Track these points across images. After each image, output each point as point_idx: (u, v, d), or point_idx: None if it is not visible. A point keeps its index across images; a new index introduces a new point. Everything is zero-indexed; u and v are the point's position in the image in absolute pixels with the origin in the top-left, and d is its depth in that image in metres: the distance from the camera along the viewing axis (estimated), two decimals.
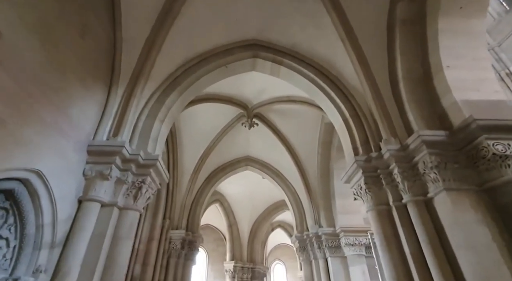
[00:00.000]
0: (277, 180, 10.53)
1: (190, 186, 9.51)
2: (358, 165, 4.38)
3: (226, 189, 14.44)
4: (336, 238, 8.39)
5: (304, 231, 9.30)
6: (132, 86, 4.58)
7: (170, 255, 8.29)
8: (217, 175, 10.51)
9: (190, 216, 9.42)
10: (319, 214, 9.10)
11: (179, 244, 8.46)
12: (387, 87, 4.77)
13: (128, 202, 3.99)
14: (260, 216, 16.01)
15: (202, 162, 9.65)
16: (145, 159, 4.18)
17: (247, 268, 14.82)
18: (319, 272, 8.35)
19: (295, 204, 10.02)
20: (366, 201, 4.37)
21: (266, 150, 10.40)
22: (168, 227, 8.53)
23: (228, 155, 10.59)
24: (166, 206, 8.77)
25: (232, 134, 9.58)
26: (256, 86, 7.82)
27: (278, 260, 22.29)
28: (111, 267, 3.52)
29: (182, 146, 9.23)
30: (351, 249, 7.99)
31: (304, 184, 9.60)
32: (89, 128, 3.86)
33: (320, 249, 8.54)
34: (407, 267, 3.70)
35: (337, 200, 8.76)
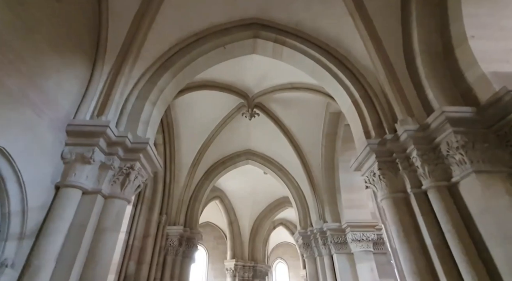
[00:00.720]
0: (279, 174, 10.09)
1: (188, 181, 9.07)
2: (371, 149, 3.93)
3: (227, 185, 14.01)
4: (342, 234, 7.94)
5: (308, 227, 8.86)
6: (120, 64, 4.14)
7: (167, 252, 7.86)
8: (217, 169, 10.07)
9: (189, 212, 8.98)
10: (324, 209, 8.65)
11: (177, 240, 8.03)
12: (401, 64, 4.33)
13: (114, 190, 3.55)
14: (262, 213, 15.59)
15: (201, 156, 9.22)
16: (134, 143, 3.74)
17: (248, 266, 14.39)
18: (324, 269, 7.91)
19: (298, 199, 9.57)
20: (380, 189, 3.92)
21: (267, 143, 9.95)
22: (165, 223, 8.10)
23: (228, 148, 10.15)
24: (163, 201, 8.34)
25: (232, 126, 9.14)
26: (257, 73, 7.37)
27: (280, 259, 21.85)
28: (93, 261, 3.09)
29: (180, 138, 8.79)
30: (358, 245, 7.54)
31: (308, 178, 9.15)
32: (68, 106, 3.43)
33: (325, 246, 8.10)
34: (429, 260, 3.26)
35: (343, 194, 8.31)
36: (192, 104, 8.20)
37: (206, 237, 17.18)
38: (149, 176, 4.20)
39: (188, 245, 8.39)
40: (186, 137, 8.87)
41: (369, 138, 4.19)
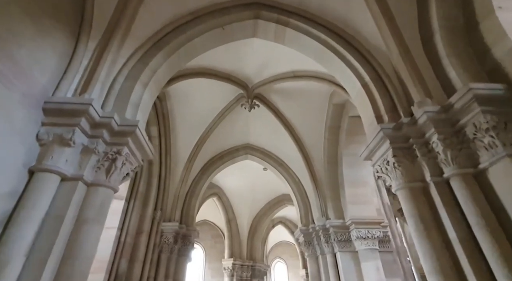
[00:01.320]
0: (280, 170, 9.71)
1: (185, 175, 8.67)
2: (385, 134, 3.55)
3: (225, 182, 13.62)
4: (346, 231, 7.57)
5: (310, 224, 8.48)
6: (107, 41, 3.73)
7: (161, 250, 7.46)
8: (214, 164, 9.68)
9: (185, 208, 8.59)
10: (326, 205, 8.28)
11: (172, 237, 7.62)
12: (417, 43, 3.95)
13: (98, 177, 3.15)
14: (261, 211, 15.21)
15: (198, 150, 8.82)
16: (121, 125, 3.34)
17: (246, 266, 14.01)
18: (327, 268, 7.53)
19: (299, 194, 9.19)
20: (394, 178, 3.54)
21: (267, 137, 9.56)
22: (159, 219, 7.70)
23: (227, 142, 9.76)
24: (158, 196, 7.94)
25: (230, 118, 8.75)
26: (257, 61, 6.98)
27: (279, 258, 21.49)
28: (71, 256, 2.70)
29: (176, 131, 8.39)
30: (363, 243, 7.17)
31: (310, 173, 8.78)
32: (46, 82, 3.02)
33: (328, 243, 7.72)
34: (453, 257, 2.88)
35: (347, 190, 7.94)
36: (189, 94, 7.80)
37: (203, 235, 16.77)
38: (139, 164, 3.81)
39: (184, 242, 7.99)
40: (182, 130, 8.47)
41: (381, 123, 3.80)
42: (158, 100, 7.50)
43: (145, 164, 7.62)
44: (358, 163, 8.12)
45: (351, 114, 7.67)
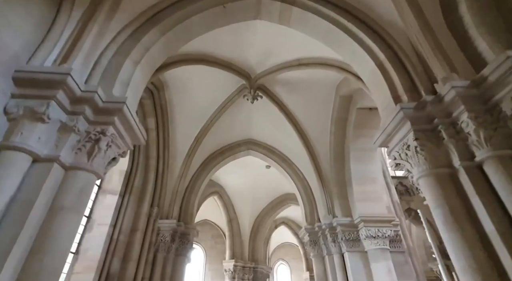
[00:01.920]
0: (283, 166, 9.27)
1: (184, 171, 8.26)
2: (405, 115, 3.12)
3: (226, 180, 13.19)
4: (354, 230, 7.12)
5: (316, 222, 8.03)
6: (93, 11, 3.35)
7: (157, 249, 7.04)
8: (215, 160, 9.26)
9: (183, 205, 8.17)
10: (333, 202, 7.83)
11: (169, 236, 7.20)
12: (438, 16, 3.54)
13: (79, 159, 2.75)
14: (263, 210, 14.74)
15: (198, 144, 8.41)
16: (107, 102, 2.94)
17: (248, 267, 13.54)
18: (334, 269, 7.07)
19: (304, 192, 8.75)
20: (416, 164, 3.11)
21: (270, 131, 9.14)
22: (156, 216, 7.29)
23: (228, 137, 9.34)
24: (155, 192, 7.53)
25: (232, 111, 8.34)
26: (260, 48, 6.57)
27: (281, 260, 20.98)
28: (41, 250, 2.29)
29: (174, 123, 8.00)
30: (373, 242, 6.71)
31: (315, 169, 8.34)
32: (18, 48, 2.63)
33: (335, 243, 7.27)
34: (491, 253, 2.45)
35: (355, 186, 7.49)
36: (188, 84, 7.41)
37: (203, 236, 16.34)
38: (128, 149, 3.40)
39: (182, 241, 7.57)
40: (181, 122, 8.07)
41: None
42: (156, 90, 7.12)
43: (142, 158, 7.23)
44: (367, 158, 7.69)
45: (359, 105, 7.23)
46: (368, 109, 7.33)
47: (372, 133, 7.61)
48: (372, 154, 7.70)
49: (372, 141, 7.58)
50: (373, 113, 7.38)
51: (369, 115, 7.42)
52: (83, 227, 5.73)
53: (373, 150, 7.70)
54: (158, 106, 7.35)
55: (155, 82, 6.88)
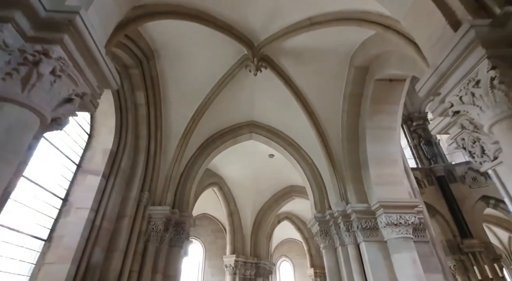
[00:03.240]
0: (289, 150, 8.40)
1: (179, 154, 7.40)
2: (478, 35, 2.21)
3: (226, 170, 12.33)
4: (372, 217, 6.25)
5: (326, 210, 7.16)
6: None
7: (148, 238, 6.18)
8: (214, 143, 8.39)
9: (178, 192, 7.31)
10: (346, 187, 6.97)
11: (162, 224, 6.34)
12: None
13: (8, 87, 1.89)
14: (266, 204, 13.88)
15: (194, 124, 7.54)
16: (52, 11, 2.06)
17: (250, 263, 12.69)
18: (349, 262, 6.21)
19: (312, 177, 7.89)
20: (491, 105, 2.25)
21: (275, 111, 8.27)
22: (147, 202, 6.43)
23: (228, 118, 8.47)
24: (146, 175, 6.67)
25: (232, 87, 7.47)
26: (266, 7, 5.67)
27: (284, 257, 20.12)
28: None
29: (168, 99, 7.13)
30: (394, 230, 5.85)
31: (325, 152, 7.47)
32: None
33: (350, 232, 6.40)
34: None
35: (372, 169, 6.62)
36: (182, 54, 6.55)
37: (203, 230, 15.51)
38: (92, 90, 2.52)
39: (176, 231, 6.71)
40: (176, 99, 7.21)
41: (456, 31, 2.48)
42: (145, 59, 6.24)
43: (130, 137, 6.36)
44: (386, 137, 6.82)
45: (378, 76, 6.35)
46: (387, 81, 6.45)
47: (392, 109, 6.77)
48: (391, 133, 6.83)
49: (391, 119, 6.73)
50: (394, 86, 6.52)
51: (389, 88, 6.54)
52: (58, 211, 4.86)
53: (392, 128, 6.83)
54: (148, 78, 6.48)
55: (144, 48, 6.01)
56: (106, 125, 5.97)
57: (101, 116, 5.94)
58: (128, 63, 6.03)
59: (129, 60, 5.96)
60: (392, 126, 6.81)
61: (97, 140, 5.81)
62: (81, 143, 5.56)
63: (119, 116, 6.10)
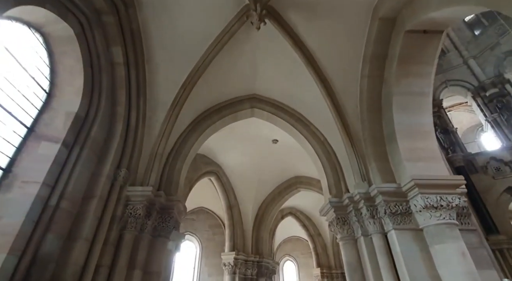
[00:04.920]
0: (298, 127, 7.20)
1: (166, 128, 6.21)
2: None
3: (225, 157, 11.14)
4: (403, 200, 5.04)
5: (344, 193, 5.95)
6: None
7: (125, 225, 4.98)
8: (210, 118, 7.20)
9: (166, 172, 6.11)
10: (368, 166, 5.76)
11: (143, 209, 5.14)
12: None
13: None
14: (269, 196, 12.68)
15: (185, 94, 6.36)
16: None
17: (251, 261, 11.45)
18: (374, 255, 4.99)
19: (325, 157, 6.68)
20: None
21: (281, 81, 7.07)
22: (124, 182, 5.23)
23: (226, 89, 7.27)
24: (124, 150, 5.47)
25: (231, 50, 6.29)
26: None
27: (288, 256, 18.88)
28: None
29: (153, 61, 5.96)
30: (434, 215, 4.64)
31: (341, 127, 6.27)
32: None
33: (375, 219, 5.19)
34: None
35: (401, 142, 5.41)
36: (171, 5, 5.38)
37: (199, 225, 14.28)
38: None
39: (162, 218, 5.51)
40: (163, 61, 6.03)
41: None
42: (122, 6, 5.07)
43: (105, 102, 5.17)
44: (416, 105, 5.63)
45: (410, 27, 5.14)
46: (421, 33, 5.24)
47: (424, 70, 5.59)
48: (423, 100, 5.63)
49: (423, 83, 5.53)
50: (428, 41, 5.33)
51: (422, 43, 5.35)
52: None
53: (425, 94, 5.64)
54: (127, 31, 5.31)
55: None
56: (72, 84, 4.78)
57: (66, 72, 4.76)
58: (99, 6, 4.84)
59: (100, 3, 4.78)
60: (424, 92, 5.61)
61: (59, 101, 4.62)
62: (36, 102, 4.36)
63: (89, 75, 4.91)
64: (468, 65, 14.58)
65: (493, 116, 13.07)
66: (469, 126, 17.55)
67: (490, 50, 14.09)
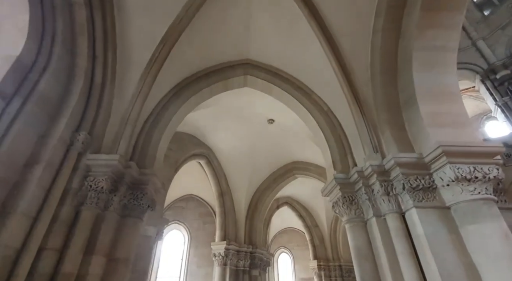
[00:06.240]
0: (297, 96, 6.26)
1: (141, 90, 5.21)
2: None
3: (216, 139, 10.19)
4: (425, 173, 4.13)
5: (351, 168, 5.03)
6: None
7: (83, 200, 4.01)
8: (196, 84, 6.21)
9: (140, 142, 5.14)
10: (380, 136, 4.85)
11: (107, 181, 4.16)
12: None
13: None
14: (264, 183, 11.80)
15: (165, 51, 5.36)
16: None
17: (244, 252, 10.57)
18: (388, 238, 4.09)
19: (329, 129, 5.76)
20: None
21: (279, 41, 6.08)
22: (84, 148, 4.25)
23: (215, 50, 6.26)
24: (86, 111, 4.49)
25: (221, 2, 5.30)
26: None
27: (283, 248, 18.07)
28: None
29: (123, 8, 4.94)
30: (466, 189, 3.74)
31: (349, 92, 5.33)
32: None
33: (390, 196, 4.28)
34: None
35: (422, 106, 4.48)
36: None
37: (188, 214, 13.36)
38: None
39: (133, 195, 4.54)
40: (136, 8, 5.01)
41: None
42: None
43: (60, 50, 4.18)
44: (441, 62, 4.70)
45: None
46: None
47: (450, 20, 4.66)
48: (448, 56, 4.72)
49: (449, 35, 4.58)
50: None
51: None
52: None
53: (450, 49, 4.72)
54: None
55: None
56: (14, 19, 3.77)
57: (6, 4, 3.74)
58: None
59: None
60: (450, 46, 4.69)
61: None
62: None
63: (38, 11, 3.91)
64: (477, 47, 13.68)
65: (504, 99, 12.20)
66: (474, 114, 16.79)
67: (501, 30, 13.21)
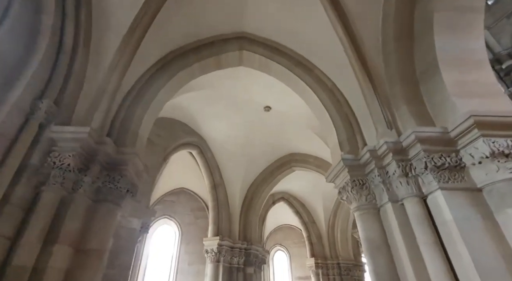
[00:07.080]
0: (298, 72, 5.62)
1: (121, 59, 4.53)
2: None
3: (209, 129, 9.54)
4: (451, 150, 3.54)
5: (360, 149, 4.43)
6: None
7: (45, 180, 3.33)
8: (185, 58, 5.54)
9: (120, 116, 4.47)
10: (393, 112, 4.24)
11: (75, 158, 3.48)
12: None
13: None
14: (260, 176, 11.17)
15: (149, 17, 4.67)
16: None
17: (238, 249, 9.94)
18: (407, 227, 3.49)
19: (334, 107, 5.14)
20: None
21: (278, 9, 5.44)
22: (48, 119, 3.57)
23: (206, 20, 5.58)
24: (53, 76, 3.80)
25: None
26: None
27: (279, 246, 17.46)
28: None
29: None
30: (504, 166, 3.16)
31: (358, 63, 4.71)
32: None
33: (409, 177, 3.68)
34: None
35: (446, 75, 3.89)
36: None
37: (179, 208, 12.67)
38: None
39: (109, 176, 3.87)
40: None
41: None
42: None
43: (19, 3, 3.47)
44: (465, 25, 4.12)
45: None
46: None
47: None
48: (474, 17, 4.14)
49: None
50: None
51: None
52: None
53: (476, 10, 4.13)
54: None
55: None
56: None
57: None
58: None
59: None
60: (476, 6, 4.10)
61: None
62: None
63: None
64: None
65: (510, 90, 11.74)
66: None
67: (506, 18, 12.80)
